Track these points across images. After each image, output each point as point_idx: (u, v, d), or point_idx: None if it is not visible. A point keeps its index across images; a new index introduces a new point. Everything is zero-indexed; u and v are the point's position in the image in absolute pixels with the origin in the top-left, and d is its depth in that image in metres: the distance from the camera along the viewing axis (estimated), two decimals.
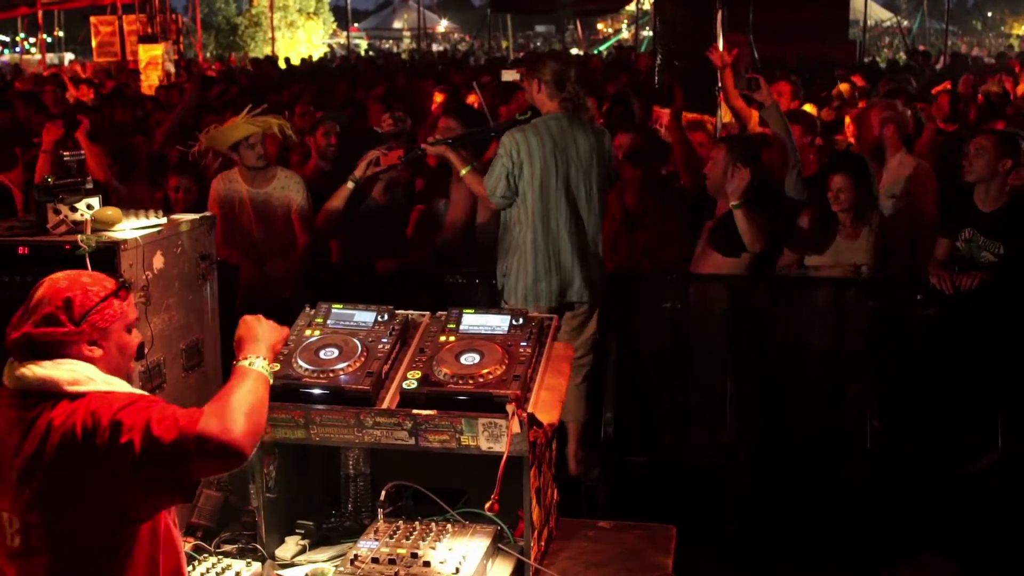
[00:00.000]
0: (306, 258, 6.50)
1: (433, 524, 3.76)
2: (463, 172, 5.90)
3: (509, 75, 7.29)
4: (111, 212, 3.81)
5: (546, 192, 5.62)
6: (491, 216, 6.37)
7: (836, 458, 5.93)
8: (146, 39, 18.49)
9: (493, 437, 3.62)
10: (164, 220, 3.97)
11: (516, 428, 3.56)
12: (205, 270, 4.24)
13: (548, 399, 3.81)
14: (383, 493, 3.78)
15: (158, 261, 3.89)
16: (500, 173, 5.62)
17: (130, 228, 3.84)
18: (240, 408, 2.85)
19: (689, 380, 6.11)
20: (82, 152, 4.00)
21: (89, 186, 3.89)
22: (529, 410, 3.64)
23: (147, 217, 3.97)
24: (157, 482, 2.74)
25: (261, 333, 3.24)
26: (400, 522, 3.76)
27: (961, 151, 6.24)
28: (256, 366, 3.10)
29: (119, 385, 2.88)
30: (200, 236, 4.21)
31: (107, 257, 3.68)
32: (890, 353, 5.92)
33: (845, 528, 5.55)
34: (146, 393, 2.94)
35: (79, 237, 3.65)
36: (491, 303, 6.06)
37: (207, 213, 4.30)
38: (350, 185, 6.32)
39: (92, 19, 23.49)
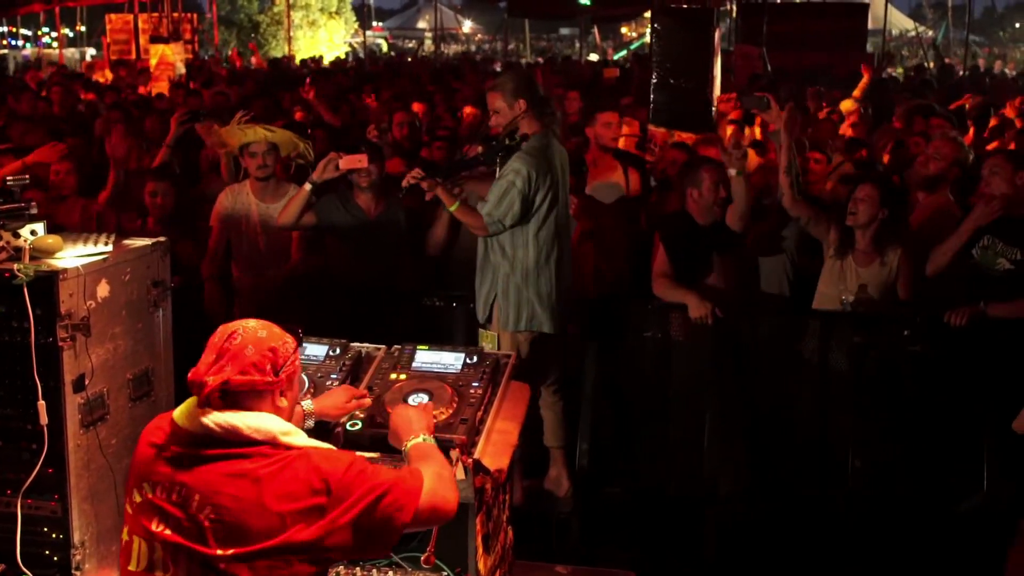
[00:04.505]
0: (292, 275, 6.38)
1: (375, 570, 3.65)
2: (452, 208, 5.51)
3: None
4: (51, 240, 3.70)
5: (550, 216, 5.49)
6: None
7: (819, 494, 5.77)
8: (158, 39, 18.46)
9: None
10: (110, 248, 3.85)
11: (460, 475, 3.43)
12: (157, 297, 4.13)
13: (499, 443, 3.69)
14: None
15: (103, 289, 3.78)
16: (515, 198, 5.35)
17: (72, 256, 3.73)
18: (448, 481, 3.07)
19: (670, 410, 5.96)
20: (26, 177, 3.89)
21: (33, 211, 3.78)
22: (476, 455, 3.52)
23: (94, 244, 3.86)
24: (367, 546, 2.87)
25: (416, 416, 3.32)
26: (341, 567, 3.64)
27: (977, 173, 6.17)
28: (429, 441, 3.23)
29: (319, 443, 2.95)
30: (152, 262, 4.10)
31: (45, 287, 3.58)
32: (875, 389, 5.74)
33: (825, 566, 5.41)
34: (354, 454, 2.98)
35: (15, 266, 3.55)
36: (469, 326, 5.94)
37: (160, 239, 4.17)
38: (307, 187, 6.02)
39: (108, 16, 23.57)
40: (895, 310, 5.82)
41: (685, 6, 8.95)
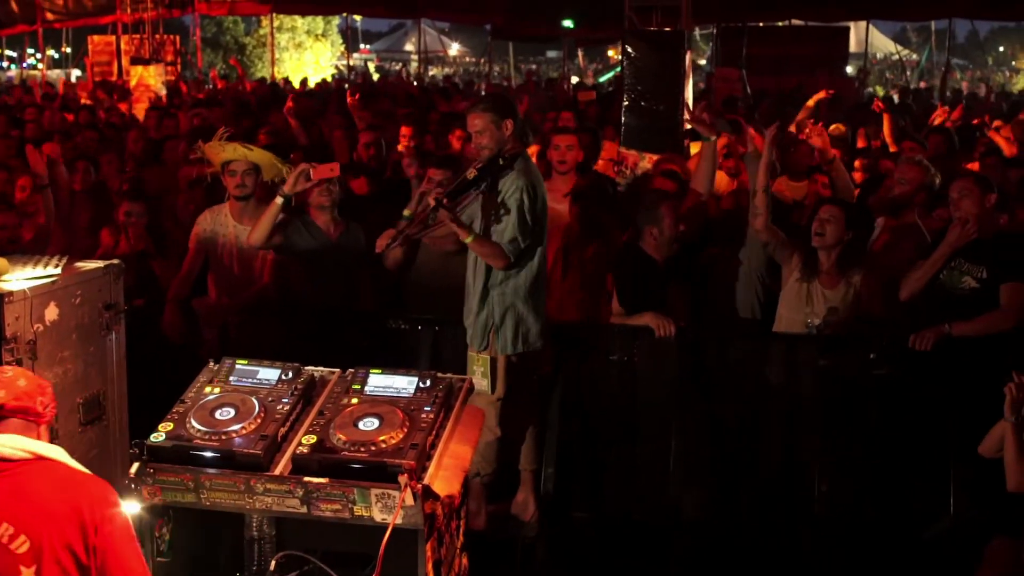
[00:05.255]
0: (256, 299, 6.31)
1: None
2: (468, 240, 5.36)
3: None
4: None
5: (542, 234, 5.49)
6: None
7: (785, 520, 5.73)
8: (138, 60, 18.43)
9: (387, 508, 3.47)
10: (58, 270, 3.81)
11: (409, 500, 3.40)
12: (110, 320, 4.09)
13: (451, 468, 3.65)
14: (273, 563, 3.64)
15: (51, 313, 3.74)
16: (526, 216, 5.33)
17: (19, 279, 3.68)
18: None
19: (636, 435, 5.92)
20: None
21: None
22: (426, 481, 3.48)
23: (43, 266, 3.82)
24: None
25: None
26: None
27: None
28: None
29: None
30: (104, 285, 4.06)
31: None
32: (841, 413, 5.72)
33: None
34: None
35: None
36: (434, 349, 5.92)
37: (113, 261, 4.13)
38: (278, 201, 5.90)
39: (90, 38, 23.56)
40: (861, 332, 5.81)
41: (667, 29, 8.96)
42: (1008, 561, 4.76)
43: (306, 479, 3.49)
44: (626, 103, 7.76)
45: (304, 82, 26.62)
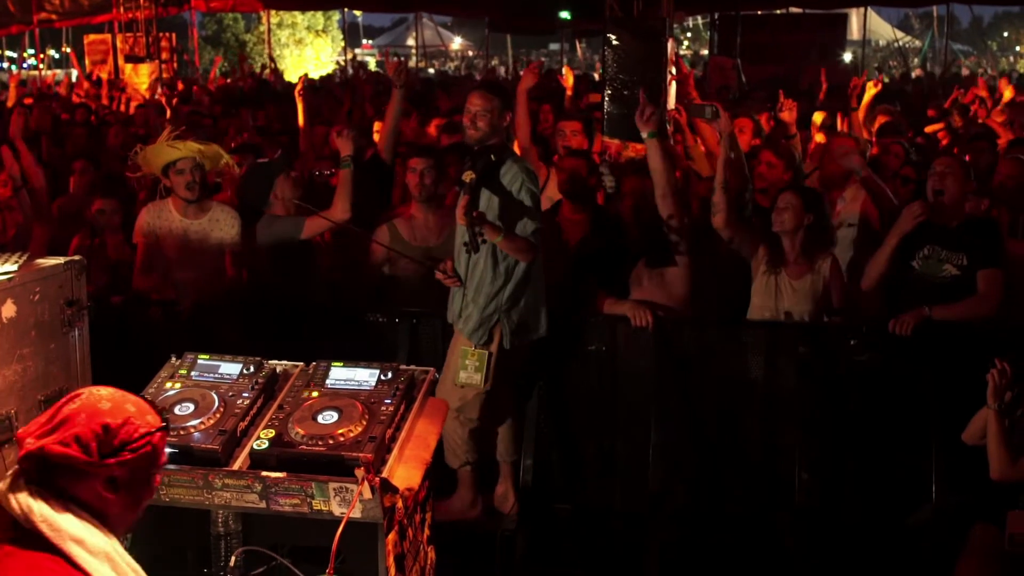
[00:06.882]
0: (231, 291, 6.26)
1: None
2: (498, 239, 5.21)
3: None
4: None
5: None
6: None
7: (766, 510, 5.68)
8: (132, 59, 18.40)
9: (346, 502, 3.44)
10: (15, 267, 3.77)
11: (367, 494, 3.36)
12: (72, 316, 4.05)
13: (412, 460, 3.62)
14: (233, 559, 3.60)
15: (8, 310, 3.71)
16: (538, 202, 5.36)
17: None
18: None
19: (615, 425, 5.88)
20: None
21: None
22: (385, 474, 3.45)
23: (1, 263, 3.78)
24: None
25: None
26: None
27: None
28: None
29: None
30: (65, 281, 4.02)
31: None
32: (822, 401, 5.66)
33: None
34: None
35: None
36: (411, 342, 5.88)
37: (74, 257, 4.10)
38: (351, 168, 6.10)
39: (86, 37, 23.57)
40: (835, 319, 5.77)
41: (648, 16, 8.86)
42: (991, 547, 4.71)
43: (264, 474, 3.46)
44: (608, 92, 7.67)
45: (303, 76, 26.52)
